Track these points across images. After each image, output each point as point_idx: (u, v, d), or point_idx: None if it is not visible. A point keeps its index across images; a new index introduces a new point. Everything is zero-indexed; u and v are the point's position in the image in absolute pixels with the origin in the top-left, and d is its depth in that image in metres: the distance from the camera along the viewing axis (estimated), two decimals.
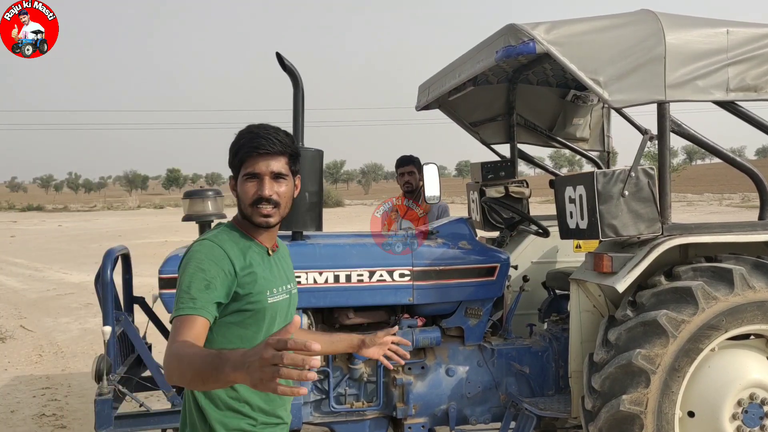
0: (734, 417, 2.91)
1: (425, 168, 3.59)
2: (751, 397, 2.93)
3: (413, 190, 4.53)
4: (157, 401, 4.57)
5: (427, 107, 4.24)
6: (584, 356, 3.07)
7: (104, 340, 2.76)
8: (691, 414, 2.94)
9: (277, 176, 1.79)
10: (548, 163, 4.78)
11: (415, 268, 3.19)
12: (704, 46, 2.91)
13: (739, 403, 2.91)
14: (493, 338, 3.48)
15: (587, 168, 4.15)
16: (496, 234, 4.09)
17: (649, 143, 3.00)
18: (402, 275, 3.17)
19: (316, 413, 3.20)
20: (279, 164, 1.79)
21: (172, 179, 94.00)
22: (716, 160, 3.27)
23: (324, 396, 3.19)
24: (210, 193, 3.11)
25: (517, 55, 2.79)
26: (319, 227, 3.20)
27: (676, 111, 2.98)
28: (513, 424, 3.37)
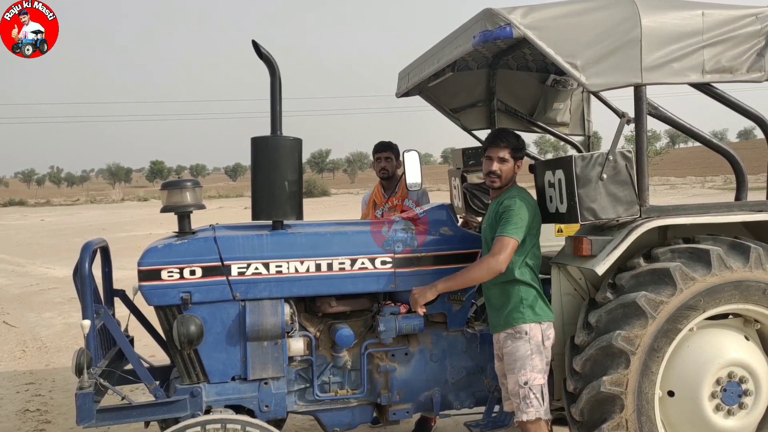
0: (713, 395, 2.95)
1: (406, 155, 3.57)
2: (730, 375, 2.97)
3: (389, 177, 4.49)
4: (143, 394, 4.55)
5: (407, 94, 4.22)
6: (566, 339, 3.10)
7: (84, 334, 2.73)
8: (671, 393, 2.98)
9: (501, 159, 3.00)
10: (533, 149, 4.79)
11: (396, 255, 3.19)
12: (680, 28, 2.92)
13: (717, 381, 2.95)
14: (476, 323, 3.49)
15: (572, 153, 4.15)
16: (478, 220, 4.09)
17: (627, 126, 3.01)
18: (384, 262, 3.17)
19: (301, 402, 3.20)
20: (503, 152, 3.00)
21: (156, 171, 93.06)
22: (699, 143, 3.30)
23: (308, 385, 3.19)
24: (188, 183, 3.07)
25: (494, 40, 2.78)
26: (300, 216, 3.18)
27: (661, 94, 3.00)
28: (497, 408, 3.40)
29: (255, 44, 3.08)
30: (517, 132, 3.30)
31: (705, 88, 3.12)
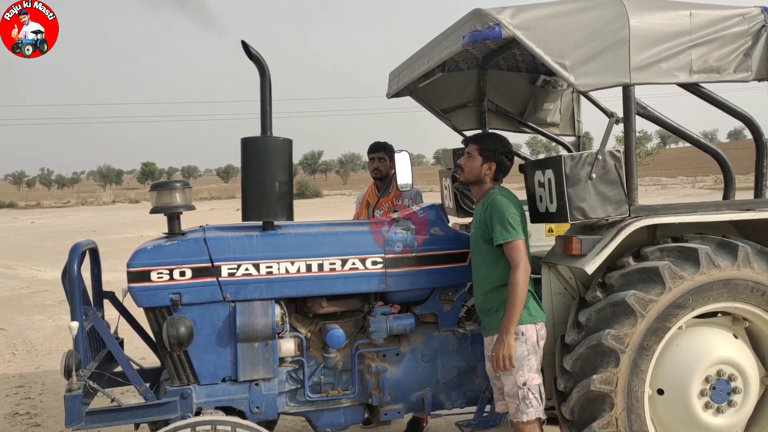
0: (702, 393, 2.97)
1: (397, 156, 3.57)
2: (719, 373, 2.99)
3: (382, 177, 4.49)
4: (133, 396, 4.53)
5: (398, 95, 4.23)
6: (556, 338, 3.11)
7: (72, 336, 2.71)
8: (660, 392, 3.00)
9: (468, 154, 3.10)
10: (525, 150, 4.79)
11: (387, 256, 3.19)
12: (668, 28, 2.94)
13: (707, 379, 2.97)
14: (467, 323, 3.50)
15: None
16: (469, 220, 4.10)
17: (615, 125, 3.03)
18: (375, 263, 3.17)
19: (292, 403, 3.20)
20: (471, 148, 3.10)
21: (147, 173, 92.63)
22: (689, 143, 3.32)
23: (299, 385, 3.18)
24: (178, 184, 3.06)
25: (484, 40, 2.79)
26: (290, 217, 3.18)
27: (653, 95, 3.02)
28: (488, 408, 3.41)
29: (244, 45, 3.08)
30: (507, 132, 3.32)
31: (693, 88, 3.14)
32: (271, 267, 3.04)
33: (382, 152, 4.47)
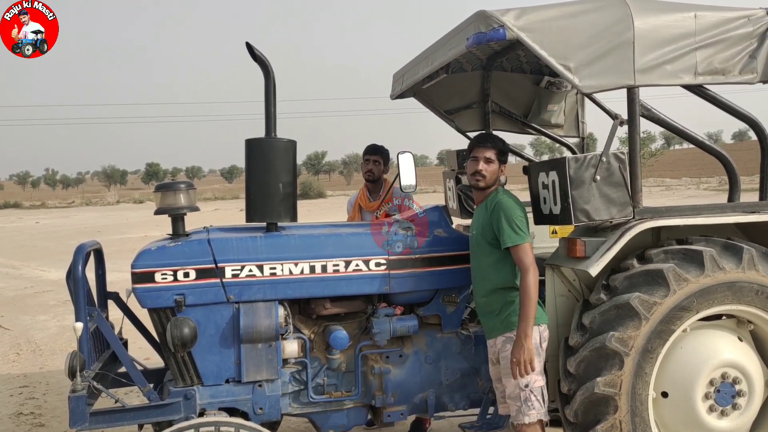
0: (707, 396, 2.96)
1: (401, 157, 3.57)
2: (723, 376, 2.98)
3: (374, 180, 4.52)
4: (137, 397, 4.54)
5: (401, 96, 4.22)
6: (560, 340, 3.10)
7: (76, 337, 2.72)
8: (664, 394, 2.99)
9: (487, 160, 2.99)
10: (529, 151, 4.78)
11: (391, 257, 3.19)
12: (672, 30, 2.93)
13: (711, 382, 2.96)
14: (471, 325, 3.50)
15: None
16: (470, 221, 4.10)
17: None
18: (378, 264, 3.17)
19: (295, 404, 3.20)
20: (489, 153, 2.99)
21: (152, 173, 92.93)
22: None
23: (302, 387, 3.19)
24: (182, 185, 3.07)
25: (488, 42, 2.79)
26: (294, 218, 3.18)
27: (657, 96, 3.02)
28: (491, 410, 3.40)
29: (249, 46, 3.08)
30: (511, 133, 3.31)
31: (698, 90, 3.13)
32: (274, 268, 3.04)
33: (377, 155, 4.50)
